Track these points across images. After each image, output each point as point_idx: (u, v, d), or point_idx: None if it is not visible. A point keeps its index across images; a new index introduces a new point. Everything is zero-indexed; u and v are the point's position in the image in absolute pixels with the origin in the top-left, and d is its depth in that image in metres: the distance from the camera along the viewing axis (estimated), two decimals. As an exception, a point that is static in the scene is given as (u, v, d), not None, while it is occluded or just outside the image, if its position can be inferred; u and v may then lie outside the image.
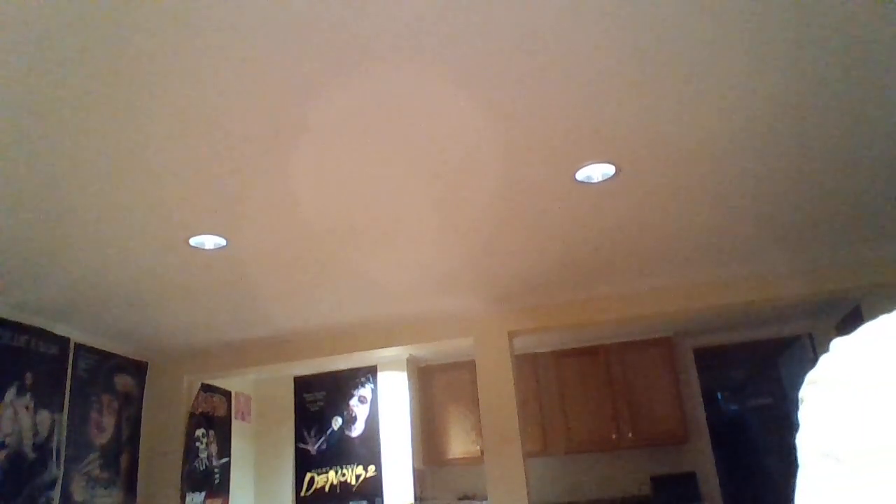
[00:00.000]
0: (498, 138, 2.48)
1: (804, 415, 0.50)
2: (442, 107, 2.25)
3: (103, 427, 4.47)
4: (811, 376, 0.51)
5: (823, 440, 0.47)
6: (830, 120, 2.54)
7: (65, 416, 4.11)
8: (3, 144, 2.24)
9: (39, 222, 2.82)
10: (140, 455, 4.81)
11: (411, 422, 5.66)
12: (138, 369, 4.93)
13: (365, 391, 5.81)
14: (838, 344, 0.50)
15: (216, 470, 5.36)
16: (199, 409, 5.23)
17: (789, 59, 2.14)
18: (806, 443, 0.49)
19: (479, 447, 5.65)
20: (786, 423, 6.72)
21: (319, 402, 5.92)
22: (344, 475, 5.67)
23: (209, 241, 3.16)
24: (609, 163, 2.74)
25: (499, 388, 4.63)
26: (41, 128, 2.17)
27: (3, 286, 3.47)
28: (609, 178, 2.86)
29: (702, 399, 5.97)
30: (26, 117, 2.11)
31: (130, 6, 1.69)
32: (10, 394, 3.71)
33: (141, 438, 4.85)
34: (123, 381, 4.75)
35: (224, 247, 3.23)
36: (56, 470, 3.99)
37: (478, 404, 4.83)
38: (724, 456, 6.80)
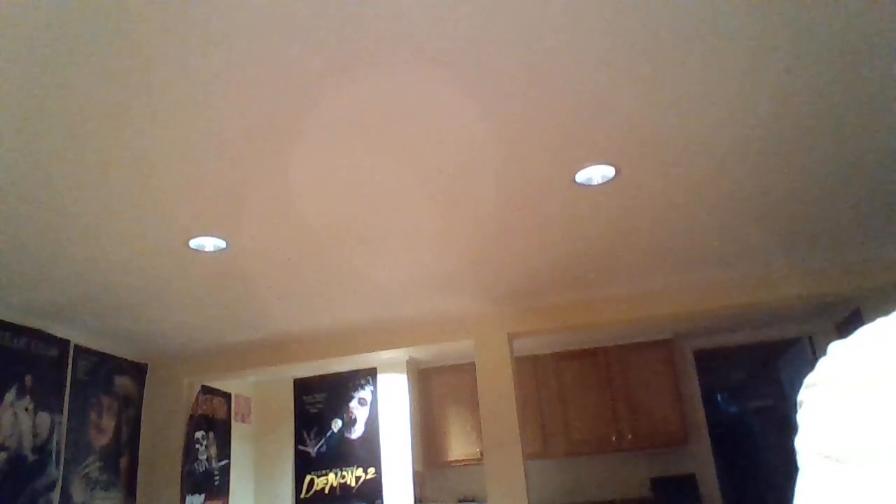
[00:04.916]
0: (498, 139, 2.48)
1: (803, 417, 0.50)
2: (442, 107, 2.25)
3: (103, 429, 4.47)
4: (809, 379, 0.51)
5: (823, 442, 0.47)
6: (830, 121, 2.54)
7: (64, 418, 4.11)
8: (2, 145, 2.24)
9: (39, 224, 2.82)
10: (140, 457, 4.81)
11: (411, 424, 5.66)
12: (138, 371, 4.93)
13: (365, 393, 5.81)
14: (836, 347, 0.51)
15: (216, 472, 5.35)
16: (199, 411, 5.23)
17: (789, 60, 2.14)
18: (805, 445, 0.49)
19: (478, 449, 5.64)
20: (786, 425, 6.72)
21: (319, 405, 5.92)
22: (344, 477, 5.66)
23: (209, 243, 3.16)
24: (609, 164, 2.74)
25: (499, 390, 4.62)
26: (40, 129, 2.17)
27: (2, 288, 3.47)
28: (609, 180, 2.87)
29: (702, 401, 5.97)
30: (26, 119, 2.11)
31: (130, 7, 1.70)
32: (10, 396, 3.71)
33: (141, 440, 4.85)
34: (123, 383, 4.75)
35: (224, 249, 3.23)
36: (56, 472, 3.98)
37: (478, 406, 4.83)
38: (724, 458, 6.80)
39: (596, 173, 2.80)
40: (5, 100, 2.01)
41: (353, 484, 5.62)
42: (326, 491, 5.67)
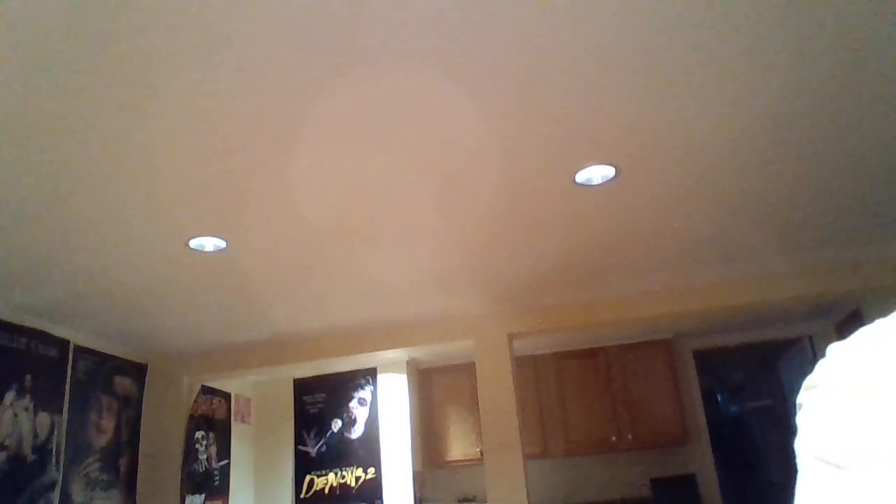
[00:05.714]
0: (498, 139, 2.48)
1: (803, 420, 0.50)
2: (442, 107, 2.25)
3: (103, 429, 4.47)
4: (809, 381, 0.51)
5: (823, 445, 0.47)
6: (830, 120, 2.54)
7: (64, 418, 4.11)
8: (2, 146, 2.24)
9: (39, 224, 2.82)
10: (140, 457, 4.81)
11: (411, 424, 5.66)
12: (138, 371, 4.93)
13: (365, 393, 5.81)
14: (835, 349, 0.50)
15: (216, 472, 5.35)
16: (199, 411, 5.23)
17: (789, 59, 2.14)
18: (805, 448, 0.48)
19: (478, 449, 5.64)
20: (785, 425, 6.72)
21: (319, 404, 5.91)
22: (344, 477, 5.66)
23: (209, 243, 3.16)
24: (609, 164, 2.74)
25: (498, 390, 4.62)
26: (40, 129, 2.17)
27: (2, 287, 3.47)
28: (609, 180, 2.87)
29: (701, 401, 5.97)
30: (26, 119, 2.11)
31: (131, 7, 1.70)
32: (10, 396, 3.71)
33: (140, 440, 4.84)
34: (123, 383, 4.75)
35: (224, 248, 3.23)
36: (55, 472, 3.98)
37: (477, 406, 4.83)
38: (724, 458, 6.80)
39: (596, 173, 2.80)
40: (6, 100, 2.01)
41: (352, 484, 5.62)
42: (326, 491, 5.67)
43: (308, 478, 5.76)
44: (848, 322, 5.48)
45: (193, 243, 3.14)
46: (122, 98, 2.05)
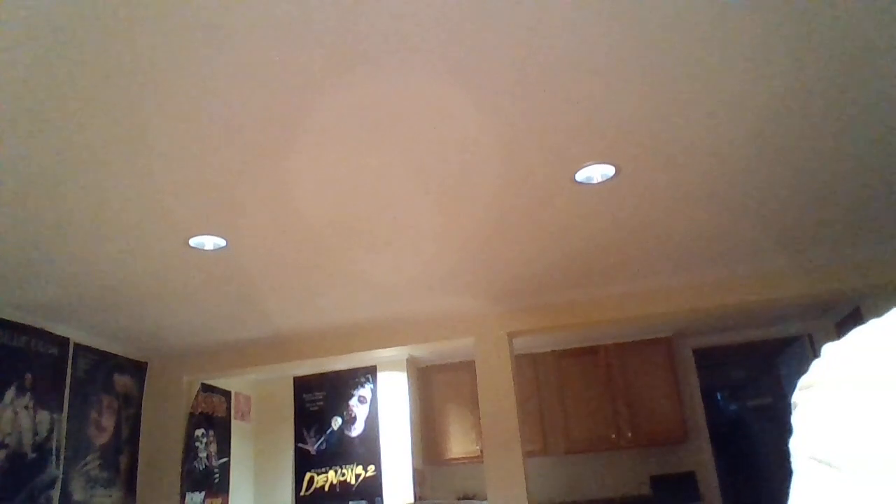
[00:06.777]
0: (498, 138, 2.48)
1: (797, 420, 0.50)
2: (442, 107, 2.25)
3: (103, 427, 4.47)
4: (803, 381, 0.51)
5: (817, 445, 0.47)
6: (830, 120, 2.54)
7: (64, 417, 4.11)
8: (2, 144, 2.24)
9: (39, 222, 2.82)
10: (140, 455, 4.81)
11: (411, 422, 5.66)
12: (138, 369, 4.93)
13: (364, 391, 5.81)
14: (830, 348, 0.50)
15: (216, 470, 5.36)
16: (199, 409, 5.23)
17: (790, 59, 2.14)
18: (799, 448, 0.48)
19: (478, 447, 5.64)
20: (785, 423, 6.69)
21: (319, 402, 5.92)
22: (343, 475, 5.67)
23: (209, 242, 3.16)
24: (609, 163, 2.74)
25: (498, 388, 4.63)
26: (40, 128, 2.17)
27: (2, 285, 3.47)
28: (609, 179, 2.87)
29: (701, 399, 5.97)
30: (26, 118, 2.11)
31: (130, 7, 1.70)
32: (10, 394, 3.71)
33: (140, 438, 4.85)
34: (123, 382, 4.75)
35: (224, 247, 3.23)
36: (56, 470, 3.99)
37: (477, 404, 4.83)
38: (724, 456, 6.81)
39: (596, 172, 2.80)
40: (6, 99, 2.01)
41: (352, 481, 5.63)
42: (326, 488, 5.68)
43: (308, 475, 5.76)
44: (848, 320, 5.48)
45: (193, 242, 3.14)
46: (122, 97, 2.05)
